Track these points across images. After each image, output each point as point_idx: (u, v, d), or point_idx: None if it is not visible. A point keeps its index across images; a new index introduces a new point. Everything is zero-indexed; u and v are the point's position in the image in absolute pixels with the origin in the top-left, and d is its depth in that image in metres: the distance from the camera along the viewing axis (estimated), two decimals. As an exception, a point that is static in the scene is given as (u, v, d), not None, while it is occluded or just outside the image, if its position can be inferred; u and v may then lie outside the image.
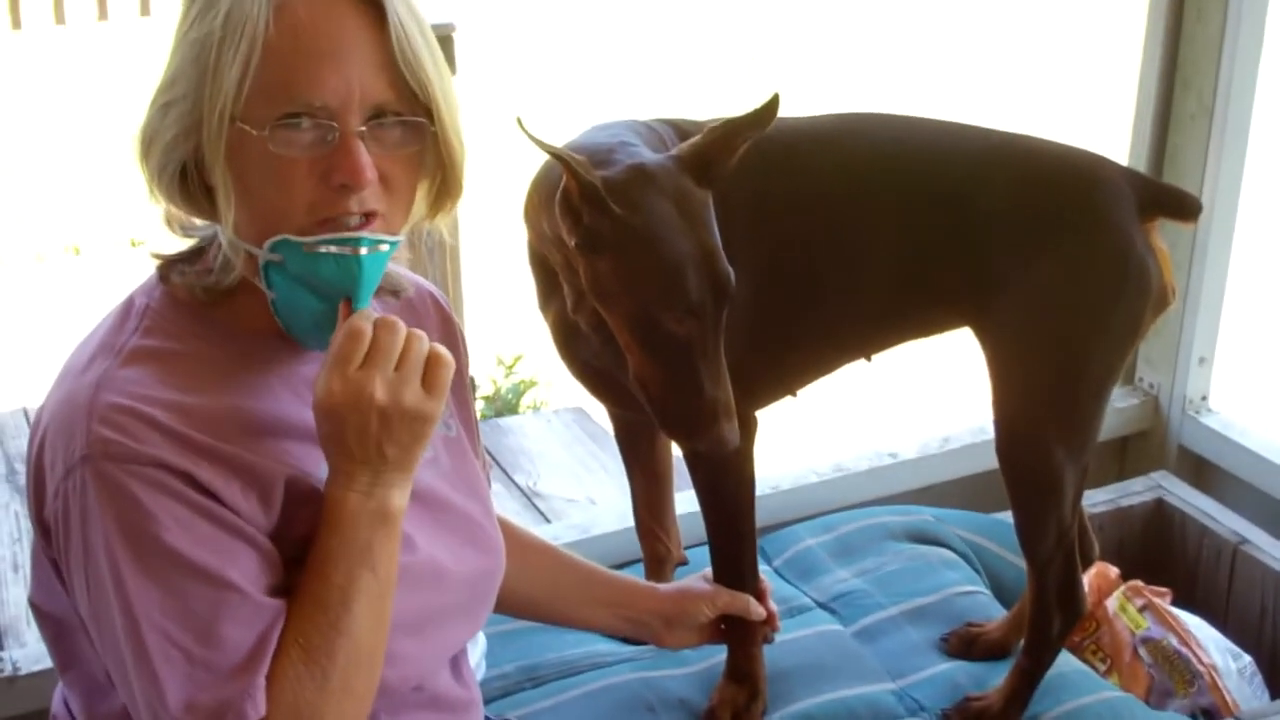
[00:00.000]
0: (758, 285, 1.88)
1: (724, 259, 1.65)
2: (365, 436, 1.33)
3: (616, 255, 1.63)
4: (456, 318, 1.71)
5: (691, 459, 1.97)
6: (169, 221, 1.42)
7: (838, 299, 1.96)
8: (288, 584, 1.35)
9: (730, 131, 1.67)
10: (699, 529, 2.01)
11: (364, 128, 1.32)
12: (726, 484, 1.97)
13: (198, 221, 1.41)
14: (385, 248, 1.36)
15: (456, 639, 1.60)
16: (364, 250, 1.34)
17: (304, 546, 1.37)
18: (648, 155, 1.68)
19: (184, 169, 1.34)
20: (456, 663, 1.62)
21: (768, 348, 1.94)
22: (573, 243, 1.64)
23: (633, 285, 1.64)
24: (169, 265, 1.43)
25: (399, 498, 1.37)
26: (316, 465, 1.40)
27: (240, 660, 1.29)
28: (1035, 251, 1.92)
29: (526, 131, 1.53)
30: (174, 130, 1.32)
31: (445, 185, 1.44)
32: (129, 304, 1.42)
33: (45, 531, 1.36)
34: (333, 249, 1.33)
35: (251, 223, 1.34)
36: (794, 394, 2.05)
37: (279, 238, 1.33)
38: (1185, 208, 2.02)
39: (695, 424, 1.65)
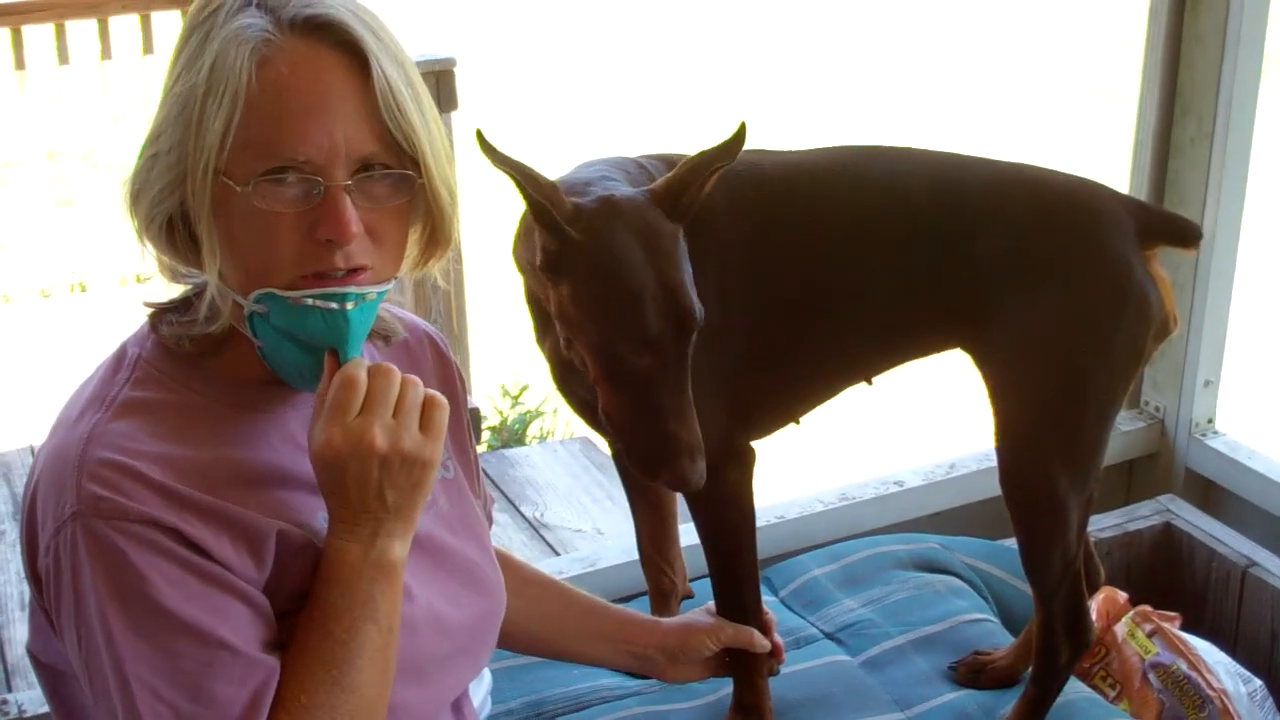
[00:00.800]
0: (758, 316, 1.89)
1: (689, 294, 1.64)
2: (366, 484, 1.33)
3: (575, 281, 1.64)
4: (454, 357, 1.70)
5: (688, 493, 1.96)
6: (160, 268, 1.41)
7: (837, 328, 1.96)
8: (282, 638, 1.35)
9: (700, 164, 1.67)
10: (704, 562, 2.01)
11: (350, 181, 1.31)
12: (726, 517, 1.96)
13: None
14: (373, 297, 1.36)
15: (458, 683, 1.59)
16: (350, 305, 1.34)
17: (298, 599, 1.36)
18: (622, 188, 1.69)
19: (170, 219, 1.34)
20: (458, 703, 1.62)
21: (768, 377, 1.94)
22: (537, 264, 1.65)
23: (591, 313, 1.63)
24: (159, 315, 1.43)
25: (400, 548, 1.37)
26: (311, 514, 1.39)
27: (233, 719, 1.28)
28: (1035, 281, 1.92)
29: (485, 145, 1.53)
30: (160, 182, 1.32)
31: (435, 234, 1.44)
32: (121, 353, 1.42)
33: (38, 583, 1.35)
34: (319, 303, 1.32)
35: (237, 274, 1.34)
36: (797, 422, 2.05)
37: (264, 291, 1.32)
38: (1186, 235, 2.02)
39: (657, 461, 1.64)
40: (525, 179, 1.58)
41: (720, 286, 1.83)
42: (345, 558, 1.34)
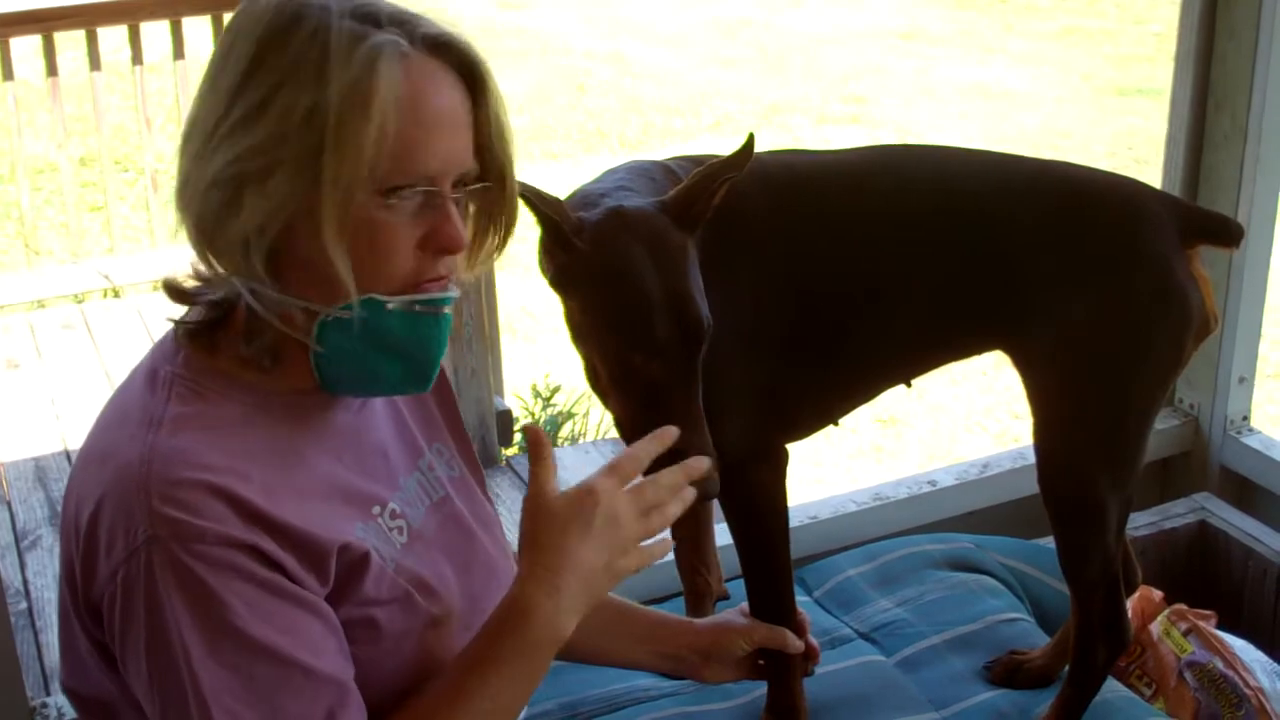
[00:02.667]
0: (794, 316, 1.89)
1: (696, 304, 1.65)
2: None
3: (584, 293, 1.66)
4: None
5: (722, 494, 1.96)
6: (172, 290, 1.40)
7: (875, 328, 1.96)
8: (347, 649, 1.36)
9: (708, 176, 1.68)
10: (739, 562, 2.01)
11: (458, 194, 1.35)
12: (759, 518, 1.96)
13: (188, 284, 1.40)
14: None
15: None
16: (448, 309, 1.39)
17: (355, 607, 1.38)
18: (633, 199, 1.70)
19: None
20: None
21: (805, 378, 1.94)
22: (548, 279, 1.67)
23: (600, 324, 1.66)
24: (199, 334, 1.39)
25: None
26: (351, 525, 1.40)
27: None
28: (1075, 282, 1.91)
29: None
30: (274, 200, 1.28)
31: (503, 241, 1.49)
32: (151, 374, 1.39)
33: (93, 613, 1.33)
34: (426, 309, 1.36)
35: (327, 286, 1.32)
36: (835, 423, 2.05)
37: (366, 297, 1.33)
38: (1227, 233, 2.01)
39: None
40: (534, 197, 1.60)
41: (755, 287, 1.83)
42: (538, 614, 1.41)
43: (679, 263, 1.66)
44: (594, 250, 1.64)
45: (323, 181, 1.27)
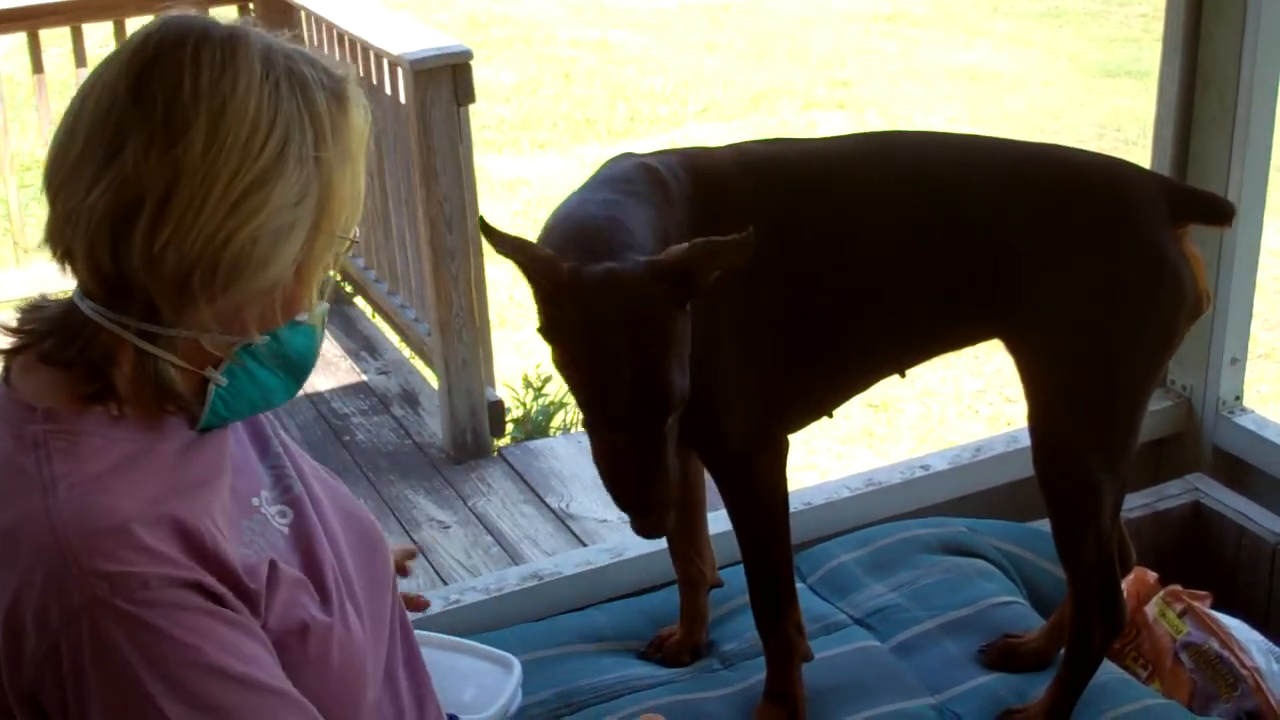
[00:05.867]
0: (787, 308, 1.89)
1: (671, 381, 1.64)
2: None
3: (563, 351, 1.68)
4: None
5: (722, 482, 1.97)
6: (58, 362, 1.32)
7: (869, 319, 1.96)
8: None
9: (710, 255, 1.65)
10: (733, 549, 2.01)
11: None
12: (759, 506, 1.97)
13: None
14: None
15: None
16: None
17: (284, 622, 1.34)
18: (627, 258, 1.68)
19: None
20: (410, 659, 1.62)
21: (800, 372, 1.94)
22: (536, 326, 1.70)
23: (573, 385, 1.70)
24: (104, 395, 1.31)
25: None
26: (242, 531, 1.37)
27: None
28: (1067, 264, 1.91)
29: (488, 229, 1.61)
30: (297, 243, 1.31)
31: None
32: (17, 440, 1.28)
33: (27, 701, 1.23)
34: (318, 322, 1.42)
35: (265, 315, 1.35)
36: (830, 414, 2.05)
37: (296, 321, 1.37)
38: (1218, 212, 2.01)
39: (628, 509, 1.69)
40: (526, 258, 1.64)
41: (748, 280, 1.83)
42: None
43: (657, 341, 1.65)
44: (578, 313, 1.64)
45: (320, 230, 1.32)
